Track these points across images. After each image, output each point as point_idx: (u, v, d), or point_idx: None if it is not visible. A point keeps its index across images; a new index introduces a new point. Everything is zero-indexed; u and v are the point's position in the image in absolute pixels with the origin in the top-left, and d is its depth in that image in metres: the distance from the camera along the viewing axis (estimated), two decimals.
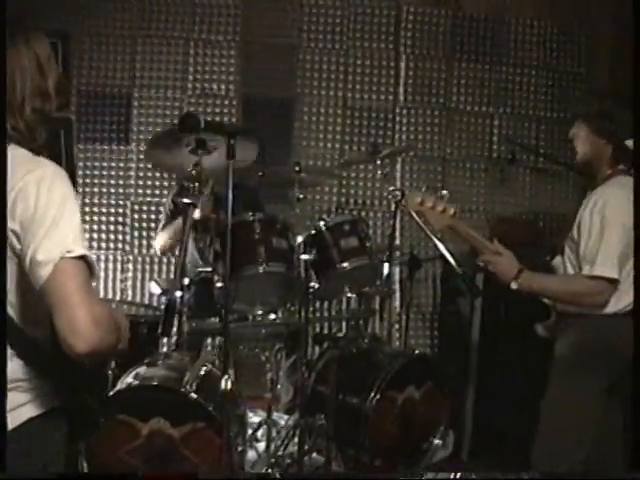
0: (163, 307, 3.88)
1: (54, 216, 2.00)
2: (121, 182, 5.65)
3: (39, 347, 2.09)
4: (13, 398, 2.08)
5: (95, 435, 3.38)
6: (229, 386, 3.04)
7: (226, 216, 3.28)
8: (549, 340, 3.79)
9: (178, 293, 3.80)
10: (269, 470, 4.22)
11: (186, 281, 3.92)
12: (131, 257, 5.66)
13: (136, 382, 3.78)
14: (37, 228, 1.98)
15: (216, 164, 3.90)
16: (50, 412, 2.17)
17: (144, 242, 5.67)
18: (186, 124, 3.07)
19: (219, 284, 4.02)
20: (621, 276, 3.42)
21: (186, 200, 3.84)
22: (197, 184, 3.82)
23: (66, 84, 2.41)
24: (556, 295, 3.62)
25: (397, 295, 5.59)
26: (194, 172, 3.82)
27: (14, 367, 2.07)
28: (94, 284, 2.08)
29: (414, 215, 4.15)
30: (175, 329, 3.98)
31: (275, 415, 4.60)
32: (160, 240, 4.85)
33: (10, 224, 2.00)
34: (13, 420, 2.08)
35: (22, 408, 2.12)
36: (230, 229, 3.64)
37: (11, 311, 2.05)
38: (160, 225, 4.97)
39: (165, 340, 4.34)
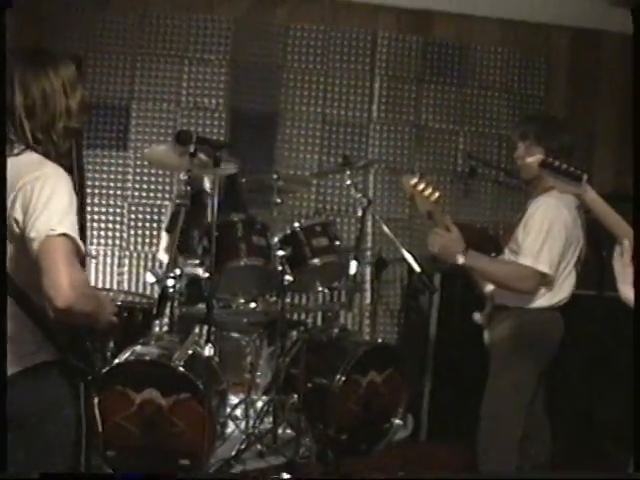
0: (158, 293, 4.39)
1: (44, 203, 2.41)
2: (119, 185, 5.91)
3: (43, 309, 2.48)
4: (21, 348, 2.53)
5: (93, 402, 3.87)
6: (211, 353, 3.51)
7: (212, 215, 3.77)
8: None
9: (170, 282, 4.29)
10: (247, 441, 4.61)
11: (177, 272, 4.34)
12: (127, 253, 5.92)
13: (132, 357, 4.19)
14: (32, 213, 2.41)
15: (205, 171, 4.44)
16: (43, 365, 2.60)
17: (139, 239, 5.93)
18: (180, 138, 3.57)
19: (206, 274, 4.47)
20: (557, 274, 3.71)
21: (178, 201, 4.36)
22: (189, 187, 4.29)
23: (87, 103, 2.80)
24: (493, 276, 3.79)
25: (368, 293, 5.91)
26: (187, 177, 4.25)
27: (22, 324, 2.52)
28: (87, 265, 2.54)
29: (383, 226, 4.57)
30: (168, 313, 4.49)
31: (254, 396, 4.96)
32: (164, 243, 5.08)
33: (14, 213, 2.44)
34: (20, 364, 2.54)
35: (30, 356, 2.56)
36: (216, 227, 4.20)
37: (20, 283, 2.48)
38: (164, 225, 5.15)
39: (158, 323, 4.85)
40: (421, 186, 3.60)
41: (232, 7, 6.09)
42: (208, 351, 3.68)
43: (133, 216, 5.99)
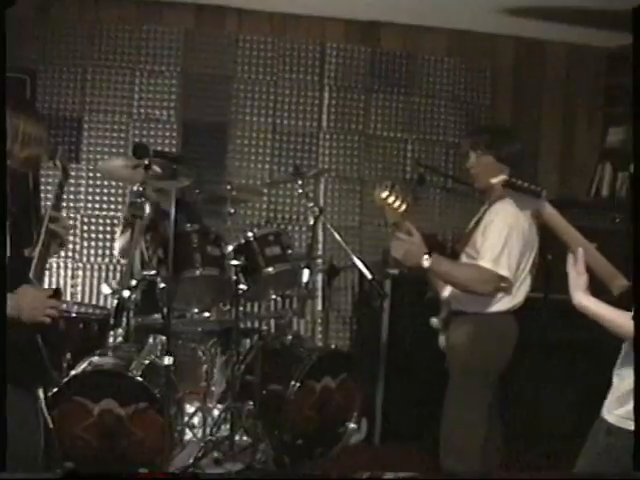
0: (114, 304, 4.44)
1: None
2: (72, 197, 5.89)
3: None
4: None
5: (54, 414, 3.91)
6: (170, 362, 3.59)
7: (169, 227, 3.86)
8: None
9: (126, 292, 4.37)
10: (204, 449, 4.67)
11: (133, 282, 4.40)
12: (81, 264, 5.93)
13: (89, 368, 4.26)
14: None
15: (160, 184, 4.51)
16: None
17: (92, 251, 5.94)
18: (137, 151, 3.64)
19: (162, 285, 4.53)
20: (514, 279, 3.83)
21: (133, 213, 4.44)
22: (143, 199, 4.37)
23: (33, 161, 3.14)
24: (456, 278, 3.85)
25: (319, 300, 5.97)
26: (141, 189, 4.32)
27: None
28: None
29: (334, 234, 4.68)
30: (124, 323, 4.55)
31: (210, 405, 4.98)
32: (119, 244, 5.23)
33: None
34: None
35: None
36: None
37: None
38: (118, 232, 5.29)
39: (113, 333, 4.91)
40: (391, 199, 3.69)
41: (181, 19, 6.13)
42: (167, 360, 3.74)
43: (86, 227, 6.00)
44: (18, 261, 3.04)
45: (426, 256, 3.68)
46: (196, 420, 4.98)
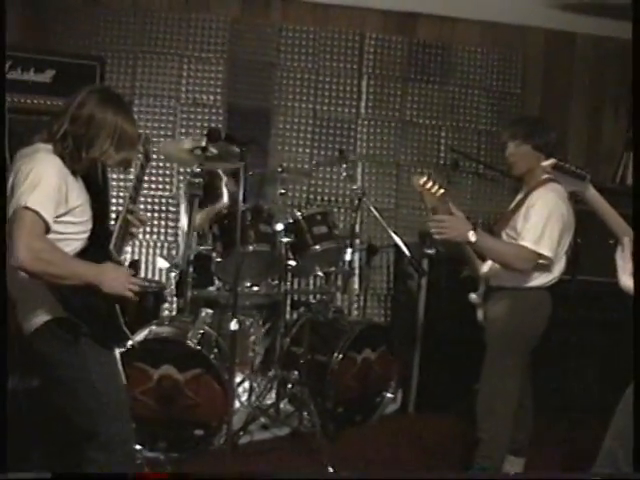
0: (174, 277, 4.73)
1: (22, 181, 2.93)
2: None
3: None
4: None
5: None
6: (237, 327, 3.85)
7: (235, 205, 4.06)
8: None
9: (186, 266, 4.67)
10: (252, 415, 4.96)
11: (191, 257, 4.68)
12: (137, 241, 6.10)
13: (150, 336, 4.52)
14: (15, 190, 2.94)
15: (216, 165, 4.77)
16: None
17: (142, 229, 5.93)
18: (211, 135, 3.89)
19: (218, 259, 4.81)
20: (554, 258, 4.04)
21: (192, 192, 4.71)
22: (201, 180, 4.65)
23: (128, 163, 3.34)
24: (497, 253, 4.04)
25: (356, 278, 6.12)
26: (198, 170, 4.62)
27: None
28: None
29: (377, 215, 4.89)
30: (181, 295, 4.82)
31: (257, 374, 5.30)
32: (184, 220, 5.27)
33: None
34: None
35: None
36: (226, 216, 4.52)
37: None
38: (182, 209, 5.43)
39: (168, 306, 5.17)
40: (429, 184, 3.89)
41: (227, 8, 6.35)
42: (234, 325, 4.00)
43: (142, 207, 6.06)
44: (101, 231, 3.26)
45: (472, 231, 3.88)
46: (242, 388, 5.27)
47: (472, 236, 3.88)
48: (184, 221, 5.29)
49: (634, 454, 2.87)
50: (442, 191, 3.91)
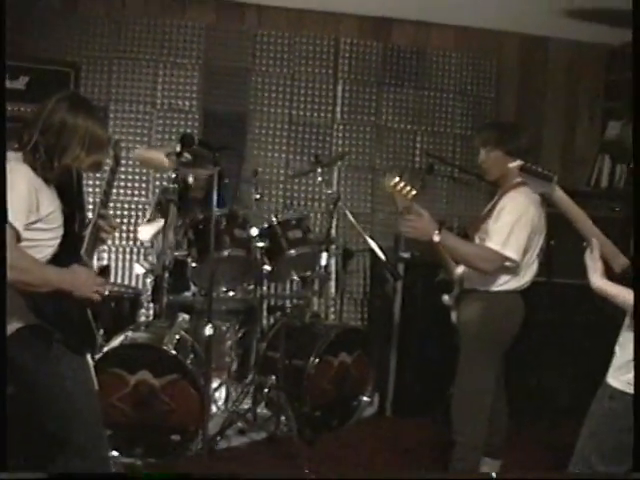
0: (150, 283, 4.74)
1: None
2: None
3: None
4: None
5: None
6: (212, 332, 3.87)
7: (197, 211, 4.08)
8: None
9: (161, 272, 4.67)
10: (229, 420, 4.94)
11: (167, 262, 4.69)
12: (106, 247, 6.06)
13: (126, 341, 4.53)
14: None
15: (191, 171, 4.78)
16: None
17: (118, 234, 6.12)
18: (186, 141, 3.91)
19: (193, 264, 4.81)
20: (522, 262, 4.05)
21: (168, 198, 4.72)
22: (177, 186, 4.67)
23: (98, 166, 3.32)
24: (462, 253, 4.06)
25: (332, 283, 6.06)
26: (173, 176, 4.65)
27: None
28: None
29: (352, 219, 4.92)
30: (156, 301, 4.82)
31: (233, 379, 5.30)
32: (147, 230, 5.30)
33: None
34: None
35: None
36: (201, 221, 4.53)
37: None
38: (147, 216, 5.45)
39: (144, 311, 5.17)
40: (400, 185, 3.91)
41: (203, 14, 6.37)
42: (208, 330, 4.02)
43: (112, 212, 6.00)
44: (72, 236, 3.25)
45: (436, 231, 3.91)
46: (220, 394, 5.28)
47: (436, 236, 3.91)
48: (146, 229, 5.30)
49: (634, 454, 2.87)
50: (414, 192, 3.92)
